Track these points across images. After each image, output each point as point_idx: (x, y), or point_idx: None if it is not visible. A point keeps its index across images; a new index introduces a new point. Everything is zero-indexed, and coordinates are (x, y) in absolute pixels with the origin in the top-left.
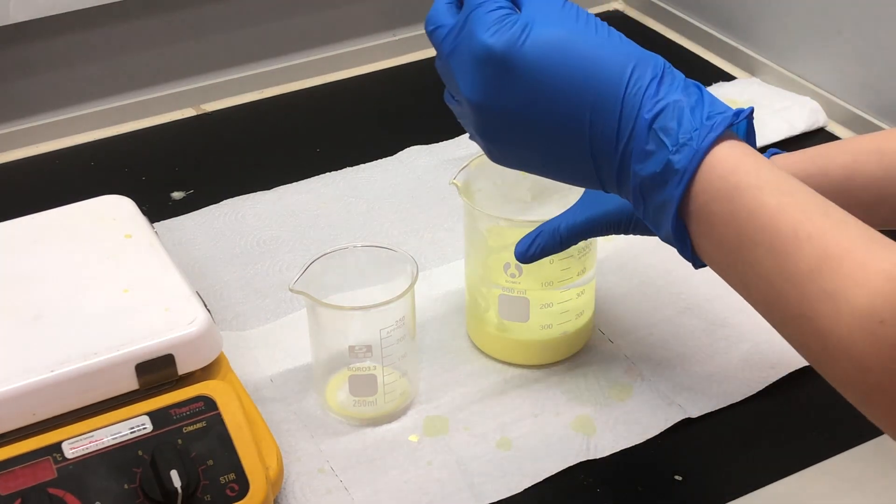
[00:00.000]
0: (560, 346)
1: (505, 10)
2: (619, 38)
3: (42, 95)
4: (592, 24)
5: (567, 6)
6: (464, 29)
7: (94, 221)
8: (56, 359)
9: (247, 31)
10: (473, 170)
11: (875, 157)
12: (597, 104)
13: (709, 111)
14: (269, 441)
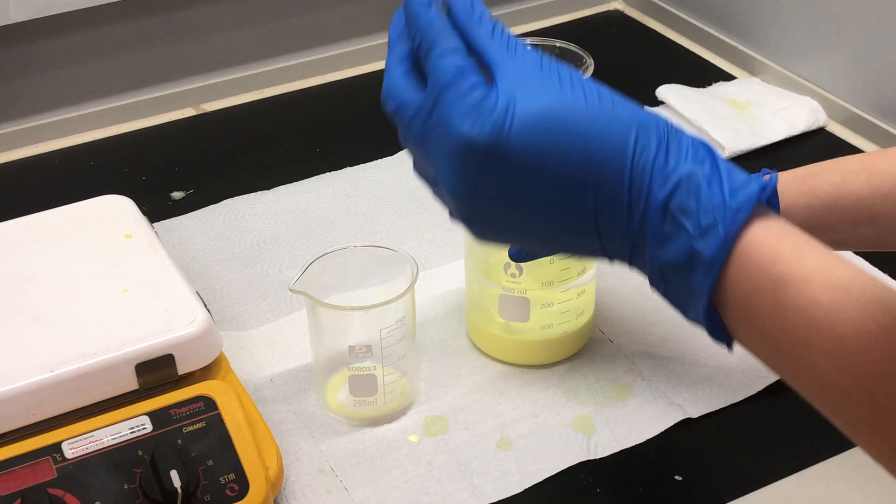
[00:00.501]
0: (560, 345)
1: (479, 88)
2: (611, 102)
3: (42, 95)
4: (580, 87)
5: (546, 68)
6: (434, 113)
7: (94, 221)
8: (56, 359)
9: (247, 31)
10: None
11: (863, 175)
12: (601, 184)
13: (729, 186)
14: (269, 441)
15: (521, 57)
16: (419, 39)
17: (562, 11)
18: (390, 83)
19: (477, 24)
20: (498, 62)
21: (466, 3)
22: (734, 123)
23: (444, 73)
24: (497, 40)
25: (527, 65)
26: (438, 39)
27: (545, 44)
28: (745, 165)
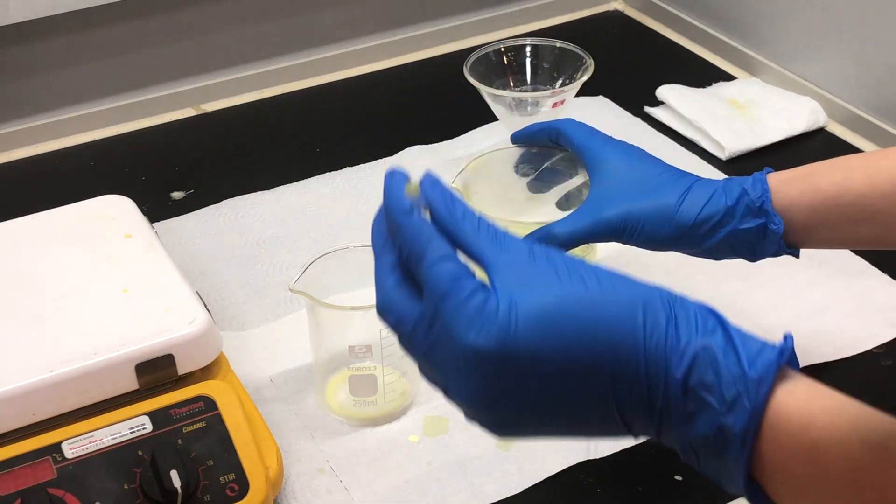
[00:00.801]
0: None
1: (478, 293)
2: (611, 283)
3: (42, 95)
4: (576, 274)
5: (537, 257)
6: (436, 324)
7: (94, 221)
8: (56, 359)
9: (247, 31)
10: (471, 172)
11: (864, 174)
12: (617, 370)
13: (746, 355)
14: (269, 441)
15: (511, 250)
16: (407, 249)
17: (562, 11)
18: (384, 296)
19: (460, 221)
20: (489, 260)
21: (447, 202)
22: (734, 123)
23: (440, 282)
24: (483, 235)
25: (518, 258)
26: (427, 248)
27: (545, 44)
28: (745, 165)
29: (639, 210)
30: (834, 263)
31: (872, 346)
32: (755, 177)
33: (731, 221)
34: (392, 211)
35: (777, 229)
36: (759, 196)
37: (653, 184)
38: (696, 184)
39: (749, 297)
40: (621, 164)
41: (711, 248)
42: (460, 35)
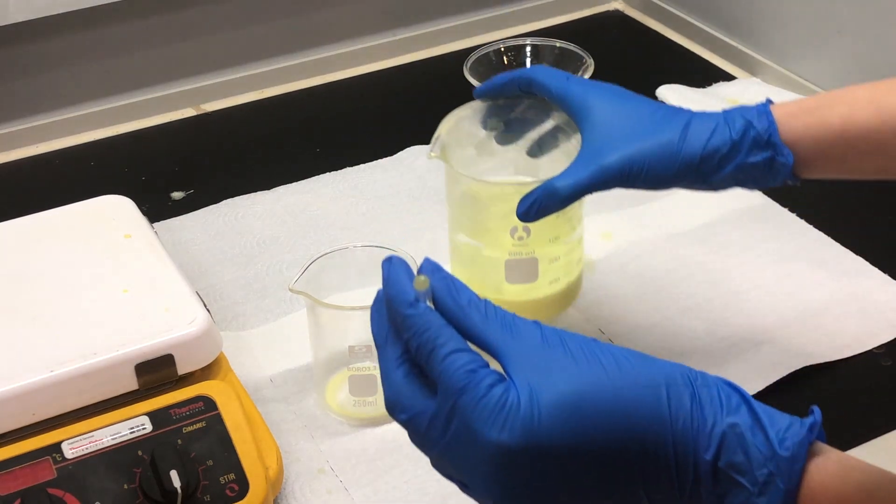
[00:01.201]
0: (566, 297)
1: (496, 387)
2: (630, 365)
3: (42, 95)
4: (594, 357)
5: (550, 341)
6: (454, 421)
7: (94, 221)
8: (56, 359)
9: (247, 31)
10: (446, 136)
11: (872, 108)
12: (645, 455)
13: (775, 432)
14: (269, 441)
15: (523, 336)
16: (416, 342)
17: (562, 11)
18: (393, 391)
19: (467, 309)
20: (502, 349)
21: (451, 290)
22: None
23: (455, 377)
24: (492, 322)
25: (531, 345)
26: (437, 342)
27: (545, 44)
28: None
29: (641, 151)
30: (834, 263)
31: (872, 346)
32: (759, 109)
33: (737, 155)
34: (396, 304)
35: (786, 161)
36: (765, 129)
37: (649, 122)
38: (695, 118)
39: (749, 297)
40: (610, 107)
41: (717, 182)
42: (460, 35)
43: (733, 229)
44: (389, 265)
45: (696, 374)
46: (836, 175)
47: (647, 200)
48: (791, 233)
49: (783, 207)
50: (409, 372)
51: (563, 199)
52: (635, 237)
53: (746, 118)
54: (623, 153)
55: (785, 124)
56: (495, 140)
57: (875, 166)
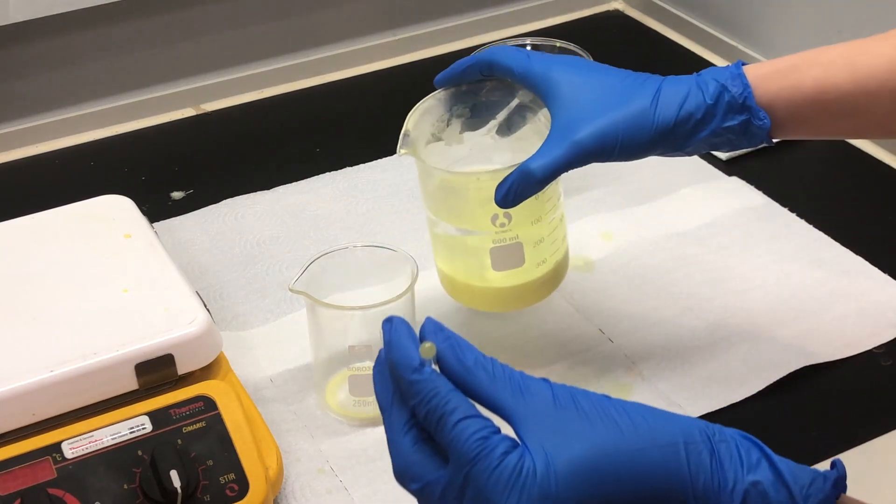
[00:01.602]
0: (554, 278)
1: (511, 454)
2: (645, 423)
3: (42, 95)
4: (609, 416)
5: (562, 401)
6: (468, 490)
7: (94, 221)
8: (56, 359)
9: (247, 31)
10: (414, 131)
11: (847, 71)
12: None
13: (798, 489)
14: (269, 441)
15: (534, 397)
16: (423, 409)
17: (562, 11)
18: (403, 460)
19: (474, 370)
20: (513, 412)
21: (455, 351)
22: None
23: (467, 447)
24: (500, 383)
25: (543, 406)
26: (445, 409)
27: (545, 44)
28: (745, 165)
29: (613, 123)
30: (834, 263)
31: (872, 346)
32: (732, 72)
33: (713, 119)
34: (400, 369)
35: (763, 125)
36: (740, 92)
37: (619, 92)
38: (666, 83)
39: (749, 297)
40: (576, 81)
41: (692, 147)
42: (460, 35)
43: (733, 229)
44: (391, 327)
45: (713, 429)
46: (811, 136)
47: (647, 200)
48: (791, 233)
49: (783, 207)
50: (418, 438)
51: (540, 181)
52: (635, 237)
53: (720, 81)
54: (595, 127)
55: (759, 87)
56: (463, 126)
57: (850, 128)
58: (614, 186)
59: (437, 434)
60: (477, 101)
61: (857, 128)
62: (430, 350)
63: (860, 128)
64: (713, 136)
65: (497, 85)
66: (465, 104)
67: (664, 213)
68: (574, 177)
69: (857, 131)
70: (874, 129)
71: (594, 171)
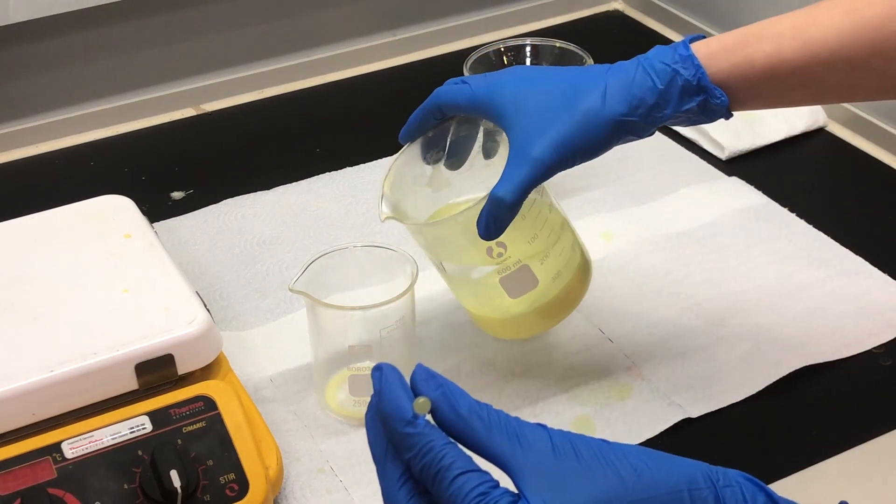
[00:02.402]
0: (580, 283)
1: None
2: (647, 469)
3: (42, 95)
4: (610, 465)
5: (561, 449)
6: None
7: (94, 221)
8: (56, 359)
9: (247, 31)
10: (391, 192)
11: (797, 43)
12: None
13: None
14: (269, 441)
15: (532, 445)
16: (418, 465)
17: (562, 11)
18: None
19: (468, 419)
20: (511, 463)
21: (450, 400)
22: (734, 123)
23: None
24: (497, 432)
25: (542, 456)
26: (442, 463)
27: (545, 44)
28: (745, 165)
29: (566, 131)
30: (834, 263)
31: (872, 346)
32: (682, 54)
33: (668, 105)
34: (393, 421)
35: (721, 103)
36: (693, 74)
37: (565, 96)
38: (611, 74)
39: (749, 296)
40: (521, 95)
41: (652, 130)
42: (460, 35)
43: (733, 229)
44: (381, 376)
45: (716, 473)
46: (768, 107)
47: (647, 200)
48: (791, 233)
49: (783, 207)
50: (413, 492)
51: (511, 206)
52: (635, 237)
53: (669, 65)
54: (549, 139)
55: (711, 65)
56: (445, 168)
57: (805, 97)
58: (614, 186)
59: (434, 489)
60: (449, 141)
61: (815, 97)
62: (424, 405)
63: (817, 97)
64: (672, 119)
65: (461, 120)
66: (438, 148)
67: (664, 213)
68: (574, 177)
69: (816, 99)
70: (831, 97)
71: (594, 171)
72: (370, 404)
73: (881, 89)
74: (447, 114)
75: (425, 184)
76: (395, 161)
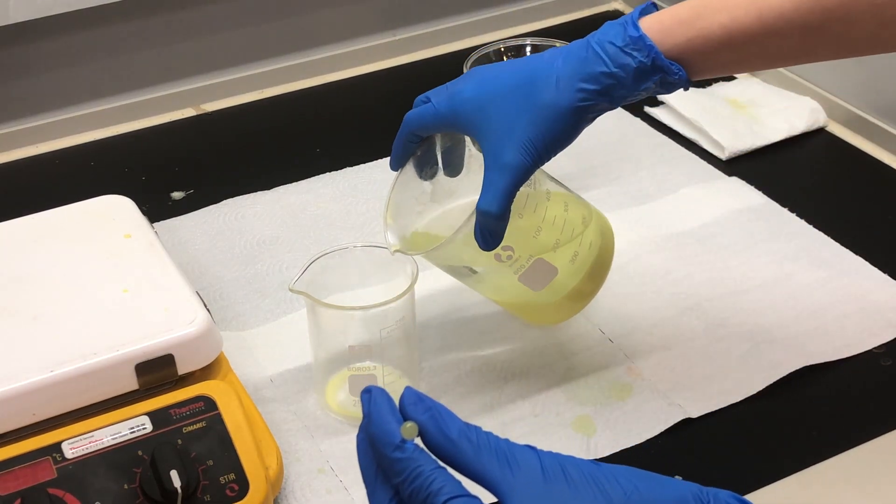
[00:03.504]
0: (602, 256)
1: None
2: (636, 492)
3: (42, 95)
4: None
5: (550, 473)
6: None
7: (94, 221)
8: (56, 359)
9: (247, 31)
10: (395, 221)
11: (753, 13)
12: None
13: None
14: (269, 441)
15: (521, 468)
16: (407, 490)
17: (562, 11)
18: None
19: (458, 442)
20: (501, 485)
21: (438, 423)
22: (734, 124)
23: None
24: (486, 455)
25: (531, 478)
26: (431, 489)
27: (545, 44)
28: (745, 165)
29: (532, 129)
30: (834, 263)
31: (872, 346)
32: (632, 35)
33: (624, 87)
34: (381, 446)
35: (679, 78)
36: (647, 56)
37: (522, 92)
38: (563, 60)
39: (749, 297)
40: (481, 104)
41: (618, 105)
42: (460, 35)
43: (733, 229)
44: (369, 399)
45: (707, 494)
46: (725, 74)
47: (647, 200)
48: (791, 233)
49: (783, 207)
50: (393, 498)
51: (499, 216)
52: (635, 237)
53: (619, 47)
54: (517, 143)
55: (665, 41)
56: (446, 176)
57: (763, 64)
58: (614, 186)
59: None
60: (441, 153)
61: (772, 63)
62: (411, 430)
63: (774, 62)
64: (632, 97)
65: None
66: (431, 163)
67: (664, 213)
68: (574, 177)
69: (772, 65)
70: (788, 62)
71: (594, 171)
72: (360, 426)
73: (838, 51)
74: (421, 135)
75: (429, 200)
76: (392, 190)
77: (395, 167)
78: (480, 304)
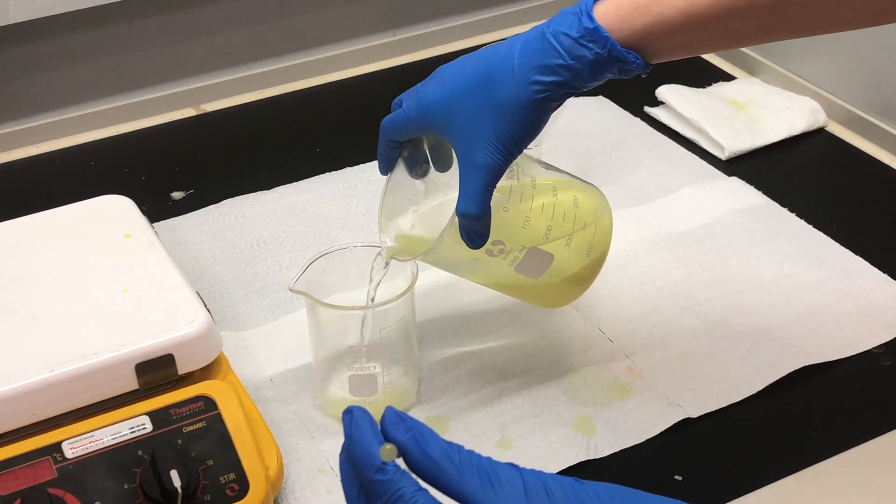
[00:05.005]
0: (600, 235)
1: None
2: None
3: (42, 95)
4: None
5: (534, 492)
6: None
7: (94, 221)
8: (56, 359)
9: (247, 31)
10: (389, 223)
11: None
12: None
13: None
14: (269, 441)
15: (504, 488)
16: None
17: None
18: None
19: (439, 462)
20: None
21: (420, 443)
22: (734, 124)
23: None
24: (468, 474)
25: (513, 496)
26: None
27: None
28: (745, 165)
29: (497, 126)
30: (834, 263)
31: (872, 346)
32: (587, 27)
33: (582, 78)
34: (362, 468)
35: (637, 65)
36: (602, 47)
37: (482, 89)
38: (519, 51)
39: (749, 296)
40: (447, 105)
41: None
42: (460, 35)
43: (733, 229)
44: (350, 420)
45: None
46: (685, 56)
47: (647, 200)
48: (791, 233)
49: (783, 207)
50: None
51: (479, 216)
52: (635, 237)
53: (574, 38)
54: (485, 141)
55: (623, 28)
56: (436, 172)
57: (722, 45)
58: (614, 186)
59: None
60: (429, 151)
61: (731, 44)
62: (390, 452)
63: (733, 44)
64: (592, 84)
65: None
66: (420, 161)
67: (664, 213)
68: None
69: (732, 46)
70: (747, 43)
71: (594, 171)
72: (342, 446)
73: (798, 30)
74: (399, 138)
75: (424, 198)
76: (384, 195)
77: (384, 172)
78: (480, 303)
